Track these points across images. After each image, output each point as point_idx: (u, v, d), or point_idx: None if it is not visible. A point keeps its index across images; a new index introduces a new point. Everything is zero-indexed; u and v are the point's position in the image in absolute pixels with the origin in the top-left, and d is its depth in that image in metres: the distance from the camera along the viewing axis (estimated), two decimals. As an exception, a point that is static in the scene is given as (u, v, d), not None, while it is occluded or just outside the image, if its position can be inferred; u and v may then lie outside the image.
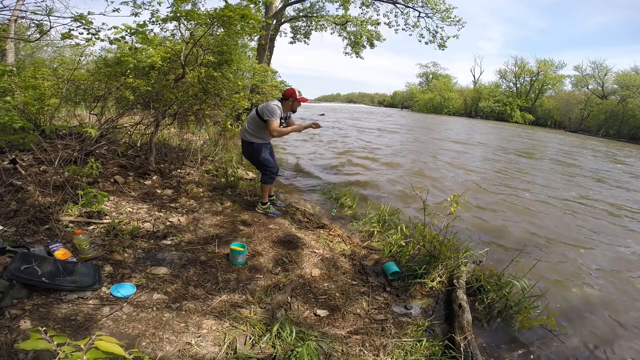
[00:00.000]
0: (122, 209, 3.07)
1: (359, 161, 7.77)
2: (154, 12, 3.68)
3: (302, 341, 1.79)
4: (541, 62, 48.85)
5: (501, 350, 2.16)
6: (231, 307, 2.03)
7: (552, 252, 3.68)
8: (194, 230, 2.98)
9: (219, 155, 5.38)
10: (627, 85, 37.67)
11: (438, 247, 2.77)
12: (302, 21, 16.41)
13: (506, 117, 48.49)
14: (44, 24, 3.70)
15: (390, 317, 2.25)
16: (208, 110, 5.25)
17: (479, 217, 4.59)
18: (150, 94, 4.21)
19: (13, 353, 1.40)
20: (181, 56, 3.78)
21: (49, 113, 4.20)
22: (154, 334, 1.70)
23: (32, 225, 2.46)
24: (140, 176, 3.93)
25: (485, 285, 2.58)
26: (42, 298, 1.80)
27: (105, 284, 2.02)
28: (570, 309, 2.70)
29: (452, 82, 61.74)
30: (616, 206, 6.00)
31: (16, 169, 3.10)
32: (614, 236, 4.42)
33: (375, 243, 3.35)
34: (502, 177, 7.51)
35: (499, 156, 11.05)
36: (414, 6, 13.74)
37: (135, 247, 2.52)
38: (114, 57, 4.27)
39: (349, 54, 16.33)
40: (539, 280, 2.63)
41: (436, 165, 8.11)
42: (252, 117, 3.41)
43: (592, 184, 7.95)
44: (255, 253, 2.76)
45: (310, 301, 2.31)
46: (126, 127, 4.83)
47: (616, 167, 11.82)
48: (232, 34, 3.86)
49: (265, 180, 3.57)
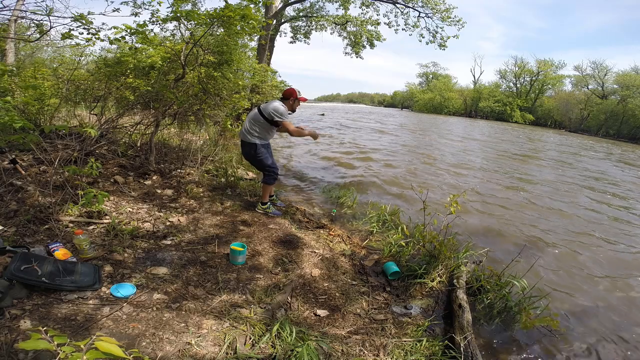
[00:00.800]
0: (122, 209, 3.07)
1: (359, 161, 7.77)
2: (154, 12, 3.69)
3: (302, 341, 1.79)
4: (541, 62, 48.89)
5: (501, 350, 2.16)
6: (231, 307, 2.03)
7: (553, 252, 3.68)
8: (194, 230, 2.98)
9: (219, 155, 5.38)
10: (627, 85, 37.69)
11: (438, 247, 2.77)
12: (302, 21, 16.42)
13: (506, 117, 48.51)
14: (44, 24, 3.70)
15: (390, 317, 2.25)
16: (208, 110, 5.24)
17: (479, 217, 4.59)
18: (150, 94, 4.21)
19: (13, 353, 1.40)
20: (181, 56, 3.78)
21: (49, 113, 4.20)
22: (154, 334, 1.70)
23: (32, 225, 2.46)
24: (140, 176, 3.93)
25: (485, 285, 2.58)
26: (42, 298, 1.80)
27: (105, 284, 2.02)
28: (571, 309, 2.69)
29: (452, 82, 61.77)
30: (620, 207, 6.00)
31: (16, 169, 3.10)
32: (615, 237, 4.42)
33: (375, 243, 3.35)
34: (503, 177, 7.51)
35: (499, 156, 11.05)
36: (414, 6, 13.75)
37: (135, 247, 2.52)
38: (114, 57, 4.27)
39: (349, 54, 16.36)
40: (539, 280, 2.63)
41: (436, 166, 8.11)
42: (255, 118, 3.39)
43: (593, 184, 7.95)
44: (255, 253, 2.76)
45: (310, 301, 2.31)
46: (126, 127, 4.83)
47: (618, 165, 11.82)
48: (232, 34, 3.86)
49: (268, 181, 3.57)
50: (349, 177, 6.20)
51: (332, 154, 8.56)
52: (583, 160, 12.63)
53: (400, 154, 9.54)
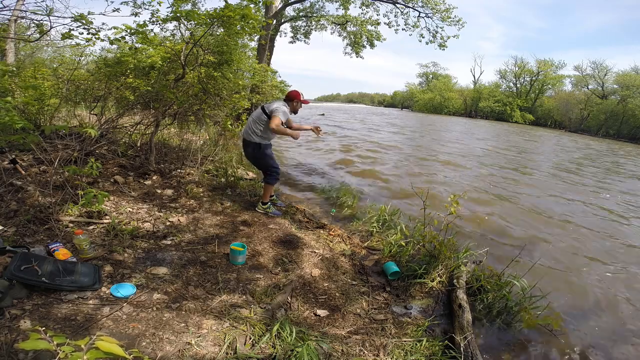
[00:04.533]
0: (122, 209, 3.07)
1: (359, 161, 7.76)
2: (154, 12, 3.68)
3: (302, 341, 1.78)
4: (541, 62, 48.89)
5: (501, 350, 2.16)
6: (231, 307, 2.03)
7: (553, 252, 3.68)
8: (194, 230, 2.98)
9: (219, 155, 5.38)
10: (627, 85, 37.70)
11: (438, 247, 2.77)
12: (302, 21, 16.43)
13: (506, 117, 48.51)
14: (44, 24, 3.70)
15: (390, 317, 2.25)
16: (208, 110, 5.24)
17: (479, 217, 4.58)
18: (150, 94, 4.21)
19: (13, 353, 1.40)
20: (181, 56, 3.78)
21: (49, 113, 4.20)
22: (154, 334, 1.70)
23: (32, 225, 2.46)
24: (140, 176, 3.93)
25: (485, 285, 2.58)
26: (42, 298, 1.80)
27: (105, 284, 2.02)
28: (571, 309, 2.69)
29: (452, 82, 61.78)
30: (621, 207, 6.00)
31: (16, 169, 3.10)
32: (616, 237, 4.42)
33: (375, 243, 3.35)
34: (503, 177, 7.51)
35: (500, 156, 11.05)
36: (414, 6, 13.77)
37: (135, 247, 2.52)
38: (114, 57, 4.27)
39: (349, 54, 16.38)
40: (539, 280, 2.63)
41: (437, 166, 8.11)
42: (259, 118, 3.38)
43: (594, 184, 7.95)
44: (255, 253, 2.76)
45: (310, 301, 2.31)
46: (126, 127, 4.83)
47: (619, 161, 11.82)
48: (232, 34, 3.86)
49: (269, 181, 3.56)
50: (349, 177, 6.20)
51: (332, 154, 8.56)
52: (586, 160, 12.62)
53: (400, 154, 9.54)
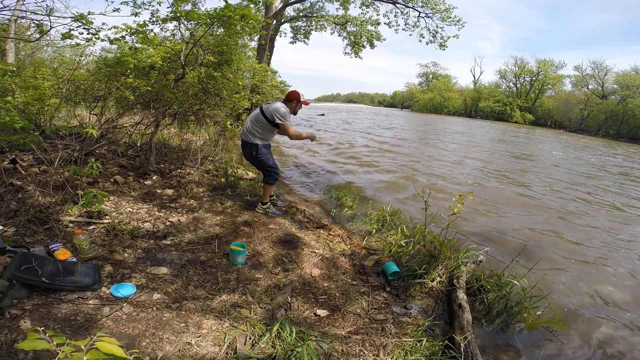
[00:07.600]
0: (122, 209, 3.07)
1: (360, 161, 7.77)
2: (154, 12, 3.69)
3: (302, 341, 1.78)
4: (541, 62, 48.87)
5: (501, 350, 2.16)
6: (231, 307, 2.03)
7: (553, 252, 3.67)
8: (194, 230, 2.98)
9: (219, 155, 5.38)
10: (627, 85, 37.67)
11: (438, 247, 2.77)
12: (302, 21, 16.43)
13: (506, 117, 48.50)
14: (44, 24, 3.70)
15: (390, 317, 2.25)
16: (208, 110, 5.24)
17: (480, 217, 4.58)
18: (150, 94, 4.21)
19: (13, 353, 1.40)
20: (181, 56, 3.78)
21: (49, 113, 4.20)
22: (154, 334, 1.70)
23: (32, 225, 2.46)
24: (140, 176, 3.93)
25: (486, 285, 2.58)
26: (42, 298, 1.80)
27: (105, 284, 2.02)
28: (571, 309, 2.69)
29: (452, 82, 61.78)
30: (622, 206, 6.00)
31: (16, 169, 3.10)
32: (616, 237, 4.42)
33: (375, 243, 3.35)
34: (503, 177, 7.51)
35: (500, 156, 11.05)
36: (414, 6, 13.75)
37: (135, 247, 2.52)
38: (114, 57, 4.27)
39: (349, 54, 16.35)
40: (540, 280, 2.63)
41: (437, 166, 8.11)
42: (257, 119, 3.38)
43: (595, 184, 7.94)
44: (255, 253, 2.76)
45: (310, 301, 2.31)
46: (126, 127, 4.82)
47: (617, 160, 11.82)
48: (232, 34, 3.86)
49: (269, 181, 3.56)
50: (349, 177, 6.19)
51: (332, 154, 8.56)
52: (584, 160, 12.62)
53: (401, 154, 9.53)
